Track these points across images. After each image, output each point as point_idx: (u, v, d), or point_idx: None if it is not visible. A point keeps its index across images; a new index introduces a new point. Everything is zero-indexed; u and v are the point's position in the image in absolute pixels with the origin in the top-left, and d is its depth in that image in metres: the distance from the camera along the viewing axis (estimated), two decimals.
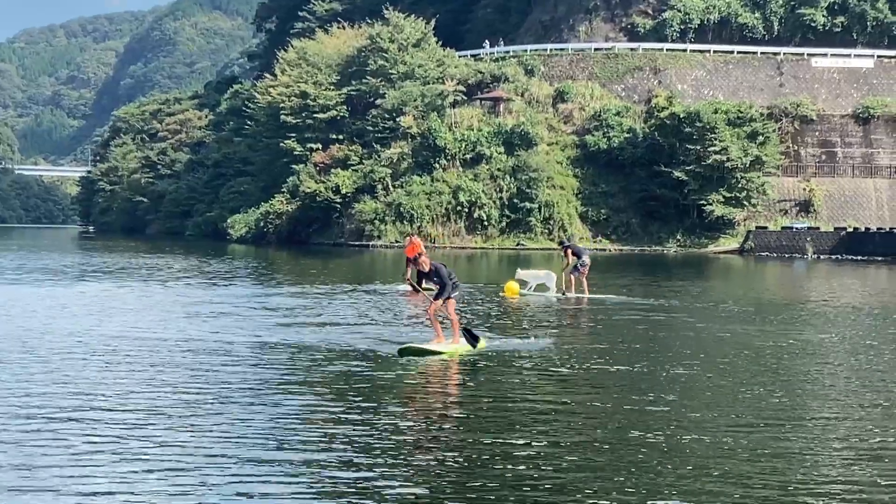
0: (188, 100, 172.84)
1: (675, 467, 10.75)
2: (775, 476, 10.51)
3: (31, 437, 11.51)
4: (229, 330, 22.47)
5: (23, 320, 23.69)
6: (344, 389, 15.06)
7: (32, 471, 10.15)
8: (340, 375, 16.33)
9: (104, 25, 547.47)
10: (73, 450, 10.98)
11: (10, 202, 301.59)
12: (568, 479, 10.22)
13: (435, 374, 16.83)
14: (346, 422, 12.63)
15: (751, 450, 11.60)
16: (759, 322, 27.03)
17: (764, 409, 14.07)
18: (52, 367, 16.40)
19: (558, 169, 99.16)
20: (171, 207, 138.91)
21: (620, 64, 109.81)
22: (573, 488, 9.92)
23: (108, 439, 11.47)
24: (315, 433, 12.03)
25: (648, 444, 11.78)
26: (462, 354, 19.05)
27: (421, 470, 10.49)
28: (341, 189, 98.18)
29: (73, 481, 9.83)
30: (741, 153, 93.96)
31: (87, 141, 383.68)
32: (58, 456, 10.73)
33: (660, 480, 10.27)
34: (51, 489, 9.57)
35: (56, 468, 10.26)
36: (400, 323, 25.47)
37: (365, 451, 11.16)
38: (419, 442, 11.76)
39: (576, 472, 10.49)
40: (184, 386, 14.92)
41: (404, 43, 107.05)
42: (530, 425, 12.69)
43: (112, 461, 10.58)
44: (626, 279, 47.93)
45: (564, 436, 12.17)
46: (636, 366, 17.98)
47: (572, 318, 28.44)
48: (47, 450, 10.95)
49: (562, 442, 11.84)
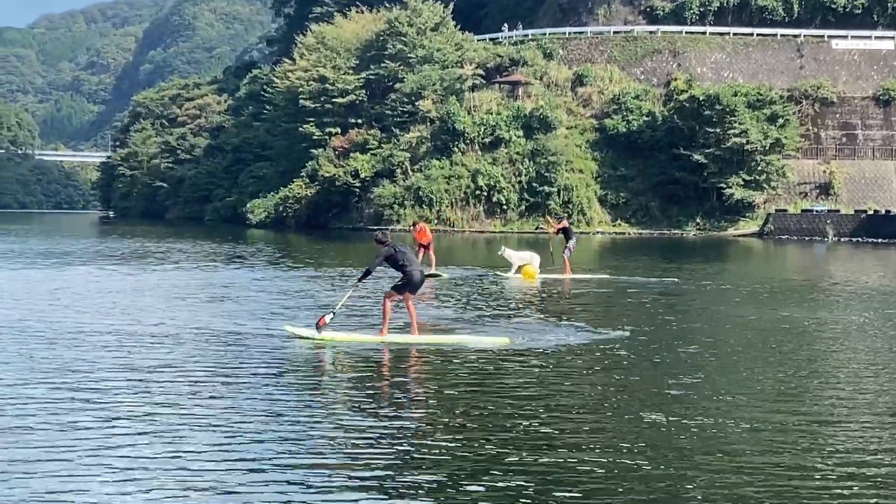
0: (207, 85, 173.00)
1: (705, 450, 10.76)
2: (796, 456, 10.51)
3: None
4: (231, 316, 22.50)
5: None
6: (370, 378, 15.10)
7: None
8: (361, 362, 16.36)
9: (124, 11, 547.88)
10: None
11: (31, 188, 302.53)
12: (599, 471, 10.22)
13: (452, 364, 16.77)
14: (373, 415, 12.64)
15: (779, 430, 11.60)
16: (786, 304, 26.94)
17: (794, 392, 14.06)
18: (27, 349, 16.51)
19: (577, 152, 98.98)
20: (191, 192, 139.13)
21: (639, 47, 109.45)
22: (604, 480, 9.92)
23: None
24: (330, 426, 12.04)
25: (675, 426, 11.78)
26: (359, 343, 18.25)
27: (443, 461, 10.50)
28: (360, 173, 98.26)
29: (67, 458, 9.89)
30: (761, 136, 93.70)
31: (106, 126, 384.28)
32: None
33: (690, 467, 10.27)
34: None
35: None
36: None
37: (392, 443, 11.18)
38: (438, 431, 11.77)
39: (606, 459, 10.50)
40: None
41: (423, 27, 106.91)
42: (570, 414, 12.69)
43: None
44: (645, 262, 47.85)
45: (589, 423, 12.17)
46: (675, 349, 17.96)
47: (580, 303, 28.33)
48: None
49: (587, 428, 11.84)
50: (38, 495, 8.82)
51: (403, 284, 18.51)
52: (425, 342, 18.21)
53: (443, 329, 20.37)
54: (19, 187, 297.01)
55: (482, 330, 20.11)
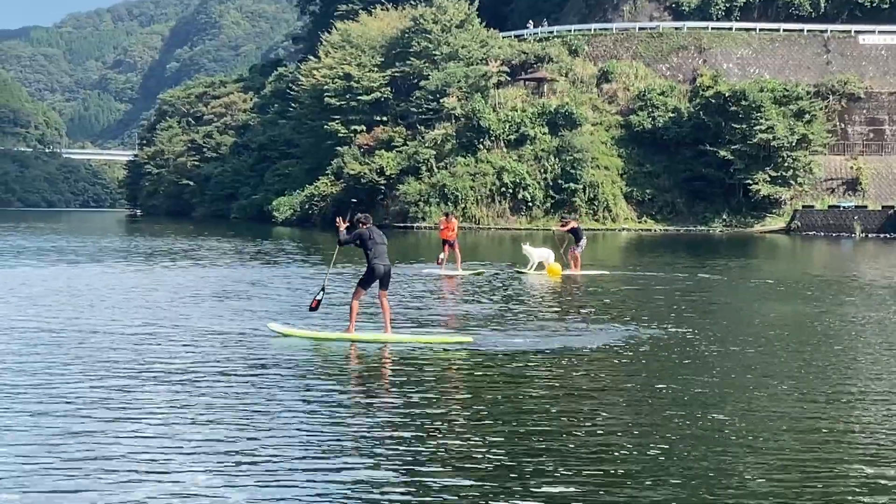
0: (233, 83, 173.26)
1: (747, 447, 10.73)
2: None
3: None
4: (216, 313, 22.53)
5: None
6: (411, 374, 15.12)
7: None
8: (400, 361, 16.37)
9: (150, 9, 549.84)
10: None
11: (59, 186, 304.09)
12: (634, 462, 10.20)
13: (476, 363, 16.76)
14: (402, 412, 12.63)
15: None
16: (814, 300, 26.82)
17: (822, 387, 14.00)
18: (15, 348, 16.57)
19: (602, 149, 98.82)
20: (217, 190, 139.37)
21: (665, 43, 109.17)
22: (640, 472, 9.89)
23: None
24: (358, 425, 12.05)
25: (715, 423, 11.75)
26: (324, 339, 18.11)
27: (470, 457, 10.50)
28: (385, 171, 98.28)
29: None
30: (787, 132, 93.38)
31: (133, 124, 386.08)
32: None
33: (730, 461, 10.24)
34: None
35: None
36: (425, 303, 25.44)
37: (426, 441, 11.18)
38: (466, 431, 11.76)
39: (638, 454, 10.48)
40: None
41: (448, 24, 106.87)
42: (598, 409, 12.68)
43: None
44: (669, 259, 47.76)
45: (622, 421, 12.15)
46: (704, 349, 17.92)
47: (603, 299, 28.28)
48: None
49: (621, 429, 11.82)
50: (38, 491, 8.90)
51: (368, 278, 18.07)
52: (394, 340, 17.91)
53: (454, 326, 20.35)
54: (47, 185, 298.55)
55: (514, 329, 20.07)
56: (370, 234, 18.10)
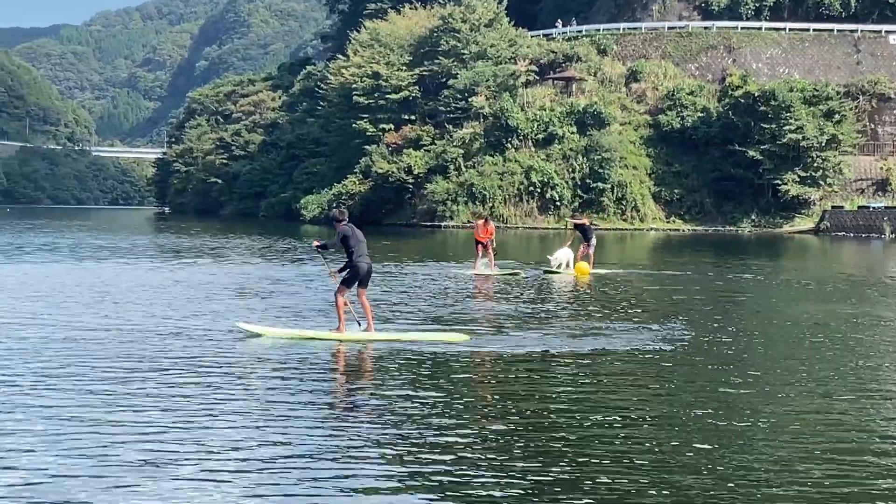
0: (262, 81, 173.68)
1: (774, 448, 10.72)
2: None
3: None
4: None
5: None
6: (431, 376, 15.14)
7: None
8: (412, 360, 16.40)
9: (179, 8, 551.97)
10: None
11: (88, 184, 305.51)
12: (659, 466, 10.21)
13: (492, 366, 16.76)
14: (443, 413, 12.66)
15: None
16: (844, 300, 26.72)
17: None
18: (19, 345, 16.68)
19: (631, 149, 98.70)
20: (245, 189, 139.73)
21: (694, 42, 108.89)
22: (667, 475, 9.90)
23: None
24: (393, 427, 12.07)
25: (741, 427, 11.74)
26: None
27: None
28: (413, 169, 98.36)
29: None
30: (817, 132, 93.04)
31: (162, 123, 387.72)
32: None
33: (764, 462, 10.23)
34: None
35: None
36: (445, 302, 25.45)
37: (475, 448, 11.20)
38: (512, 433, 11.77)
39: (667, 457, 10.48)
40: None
41: (476, 23, 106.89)
42: (626, 409, 12.69)
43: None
44: (696, 258, 47.65)
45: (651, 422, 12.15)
46: (735, 349, 17.88)
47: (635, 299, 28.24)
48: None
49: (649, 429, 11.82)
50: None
51: (351, 277, 17.80)
52: (383, 339, 17.71)
53: (487, 325, 20.35)
54: (76, 183, 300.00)
55: (551, 330, 20.06)
56: (352, 231, 17.94)
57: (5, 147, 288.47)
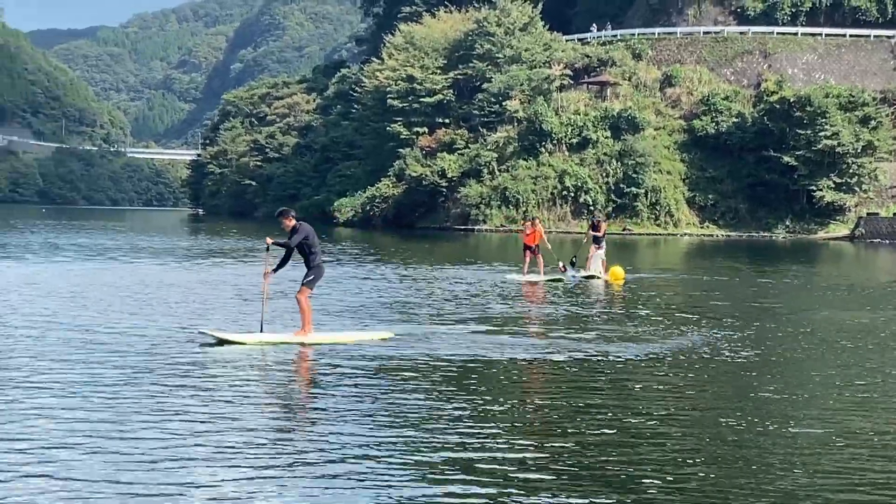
0: (296, 84, 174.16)
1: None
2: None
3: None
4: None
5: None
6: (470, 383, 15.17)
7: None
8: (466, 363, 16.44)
9: (215, 10, 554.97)
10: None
11: (123, 185, 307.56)
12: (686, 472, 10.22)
13: (484, 369, 16.76)
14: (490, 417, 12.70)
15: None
16: (880, 308, 26.61)
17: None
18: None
19: (665, 154, 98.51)
20: (279, 191, 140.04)
21: (730, 48, 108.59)
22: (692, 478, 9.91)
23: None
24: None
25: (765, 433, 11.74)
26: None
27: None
28: (447, 173, 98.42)
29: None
30: (853, 138, 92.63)
31: (197, 124, 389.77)
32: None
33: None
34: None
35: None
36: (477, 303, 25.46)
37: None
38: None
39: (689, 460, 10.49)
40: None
41: (511, 27, 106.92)
42: (652, 411, 12.69)
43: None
44: (728, 264, 47.50)
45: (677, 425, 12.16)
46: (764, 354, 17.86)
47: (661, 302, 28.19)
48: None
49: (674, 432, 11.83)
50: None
51: (315, 278, 17.55)
52: (317, 341, 17.32)
53: (535, 333, 20.34)
54: (111, 184, 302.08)
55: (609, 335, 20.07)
56: (311, 231, 17.78)
57: (42, 148, 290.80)
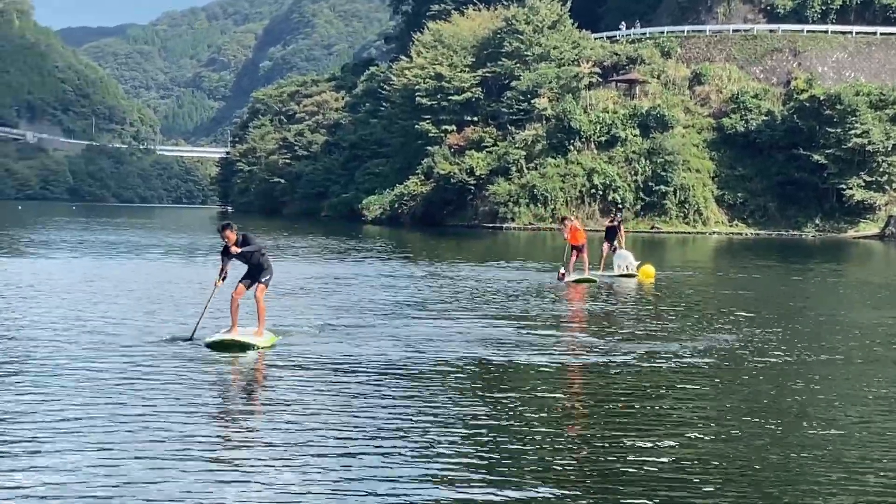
0: (325, 82, 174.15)
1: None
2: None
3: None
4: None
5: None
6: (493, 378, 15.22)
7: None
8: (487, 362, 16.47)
9: (244, 8, 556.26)
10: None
11: (152, 182, 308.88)
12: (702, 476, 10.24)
13: (507, 373, 16.78)
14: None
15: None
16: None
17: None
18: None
19: (694, 152, 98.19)
20: (308, 188, 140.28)
21: (759, 45, 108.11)
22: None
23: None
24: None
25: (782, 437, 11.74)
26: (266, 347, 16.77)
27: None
28: (475, 171, 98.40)
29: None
30: (883, 136, 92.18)
31: (226, 122, 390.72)
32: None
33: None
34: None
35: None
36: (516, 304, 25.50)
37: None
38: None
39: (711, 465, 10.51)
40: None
41: (540, 25, 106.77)
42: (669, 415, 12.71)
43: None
44: (763, 262, 47.36)
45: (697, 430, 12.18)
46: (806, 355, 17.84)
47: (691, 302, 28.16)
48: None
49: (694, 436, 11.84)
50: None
51: (271, 276, 17.45)
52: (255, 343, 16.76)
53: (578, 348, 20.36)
54: (140, 182, 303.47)
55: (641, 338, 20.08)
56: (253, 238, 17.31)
57: (72, 145, 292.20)
